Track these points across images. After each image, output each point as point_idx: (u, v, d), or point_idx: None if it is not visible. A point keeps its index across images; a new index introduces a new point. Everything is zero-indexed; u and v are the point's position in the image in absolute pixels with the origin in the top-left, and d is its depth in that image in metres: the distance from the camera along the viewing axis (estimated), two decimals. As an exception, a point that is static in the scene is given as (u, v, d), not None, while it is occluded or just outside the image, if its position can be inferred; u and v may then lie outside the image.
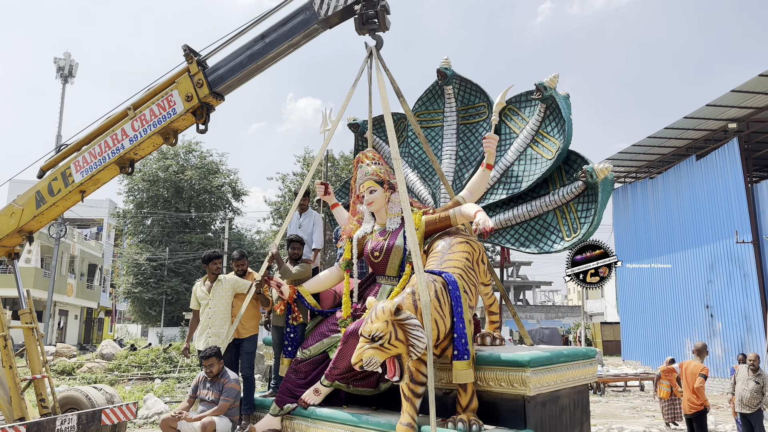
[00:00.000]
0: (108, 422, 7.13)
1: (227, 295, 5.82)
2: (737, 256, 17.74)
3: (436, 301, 4.42)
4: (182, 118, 5.65)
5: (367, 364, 4.03)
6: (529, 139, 6.05)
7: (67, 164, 5.96)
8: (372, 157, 5.70)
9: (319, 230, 6.42)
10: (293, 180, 37.06)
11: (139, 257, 36.25)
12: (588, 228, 5.49)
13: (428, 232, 5.44)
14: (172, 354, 17.10)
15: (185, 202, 38.36)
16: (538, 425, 4.48)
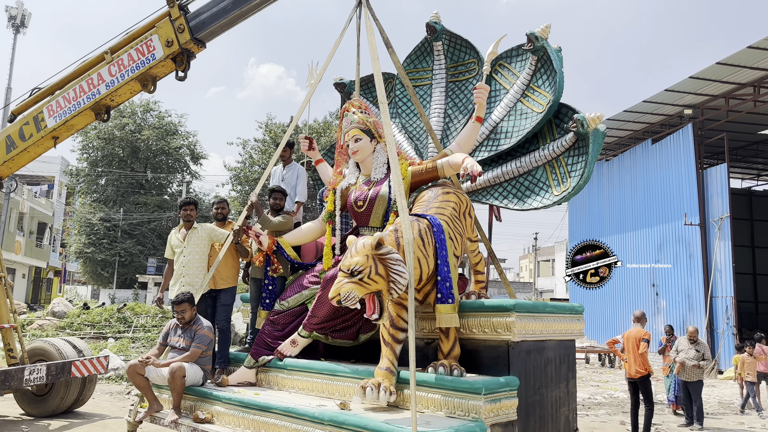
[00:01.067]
0: (78, 374, 6.91)
1: (203, 243, 5.60)
2: (684, 237, 18.48)
3: (420, 240, 4.23)
4: (161, 64, 5.46)
5: (345, 299, 3.83)
6: (520, 94, 5.88)
7: (40, 108, 5.75)
8: (358, 106, 5.51)
9: (302, 183, 6.21)
10: (254, 146, 36.24)
11: (92, 217, 35.07)
12: (578, 181, 5.31)
13: (414, 183, 5.25)
14: (126, 314, 16.74)
15: (141, 163, 37.12)
16: (522, 374, 4.29)
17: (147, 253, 36.49)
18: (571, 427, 4.92)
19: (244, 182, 35.76)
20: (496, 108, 6.04)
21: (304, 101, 6.08)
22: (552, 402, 4.65)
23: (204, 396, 4.73)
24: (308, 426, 3.97)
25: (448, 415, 3.95)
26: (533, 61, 5.76)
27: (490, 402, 3.88)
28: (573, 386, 4.99)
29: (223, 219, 5.83)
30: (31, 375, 6.36)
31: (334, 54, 5.97)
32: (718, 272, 17.31)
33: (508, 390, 4.07)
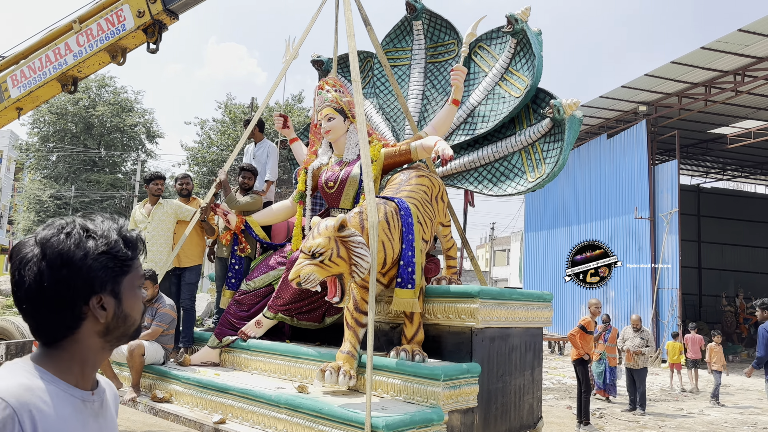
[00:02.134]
0: None
1: (168, 219, 5.49)
2: (634, 230, 19.04)
3: (385, 224, 4.15)
4: (132, 35, 5.29)
5: (305, 281, 3.75)
6: (498, 77, 5.77)
7: (3, 78, 5.55)
8: (333, 84, 5.38)
9: (273, 160, 6.10)
10: (212, 127, 35.50)
11: (42, 194, 33.64)
12: (552, 168, 5.24)
13: (387, 165, 5.16)
14: None
15: (95, 140, 35.99)
16: (485, 360, 4.25)
17: None
18: (535, 415, 4.90)
19: (201, 163, 35.02)
20: (474, 91, 5.93)
21: (278, 77, 5.95)
22: (516, 389, 4.63)
23: (163, 375, 4.66)
24: (265, 408, 3.91)
25: (406, 401, 3.90)
26: (512, 44, 5.64)
27: (449, 388, 3.84)
28: (539, 374, 4.97)
29: (188, 195, 5.72)
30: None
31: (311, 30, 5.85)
32: (665, 265, 17.86)
33: (469, 377, 4.03)
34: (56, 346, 1.12)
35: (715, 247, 24.33)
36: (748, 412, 10.11)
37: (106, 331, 1.14)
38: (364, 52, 6.75)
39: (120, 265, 1.13)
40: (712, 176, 27.05)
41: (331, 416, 3.55)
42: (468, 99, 5.90)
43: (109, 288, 1.12)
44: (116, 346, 1.21)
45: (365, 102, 6.62)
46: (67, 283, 1.08)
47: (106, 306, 1.12)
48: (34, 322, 1.12)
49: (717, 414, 9.74)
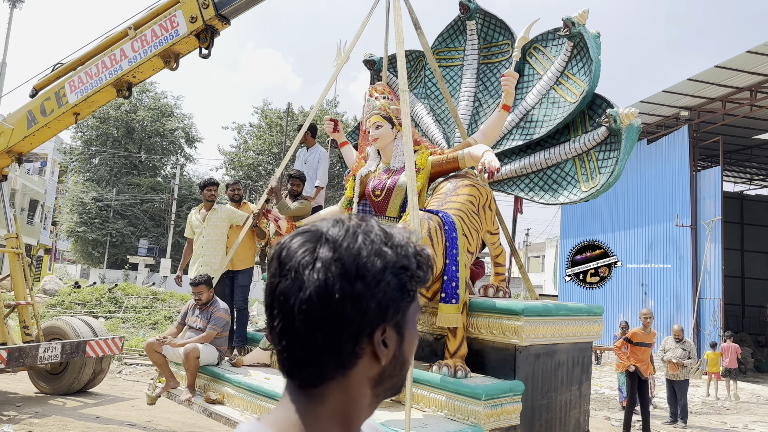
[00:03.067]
0: (92, 354, 7.03)
1: (222, 224, 5.68)
2: (675, 238, 18.41)
3: (428, 240, 4.15)
4: (185, 40, 5.42)
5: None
6: (553, 81, 5.61)
7: (62, 84, 5.79)
8: (381, 91, 5.38)
9: (323, 166, 6.18)
10: (249, 131, 35.89)
11: (85, 196, 34.95)
12: (608, 178, 5.08)
13: (434, 173, 5.14)
14: (117, 294, 16.89)
15: (136, 144, 36.92)
16: (529, 377, 4.23)
17: (138, 235, 36.52)
18: (582, 429, 4.84)
19: (238, 167, 35.68)
20: (528, 94, 5.79)
21: (330, 80, 5.99)
22: (561, 405, 4.58)
23: (217, 377, 4.87)
24: (309, 418, 4.03)
25: (448, 417, 3.94)
26: (569, 47, 5.46)
27: (491, 407, 3.84)
28: (586, 388, 4.90)
29: (239, 200, 5.88)
30: (46, 353, 6.50)
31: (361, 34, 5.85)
32: (707, 274, 17.29)
33: (512, 395, 4.02)
34: (312, 394, 0.81)
35: (759, 256, 23.40)
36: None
37: (380, 378, 0.83)
38: (415, 51, 6.71)
39: (414, 288, 0.85)
40: (756, 183, 26.08)
41: None
42: (521, 102, 5.77)
43: (396, 318, 0.83)
44: (380, 402, 0.88)
45: (416, 103, 6.60)
46: (360, 302, 0.78)
47: (388, 342, 0.82)
48: (294, 351, 0.80)
49: (763, 430, 9.35)
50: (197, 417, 6.63)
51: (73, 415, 6.64)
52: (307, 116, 34.64)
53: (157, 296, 17.30)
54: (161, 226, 37.29)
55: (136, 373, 10.15)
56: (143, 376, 9.80)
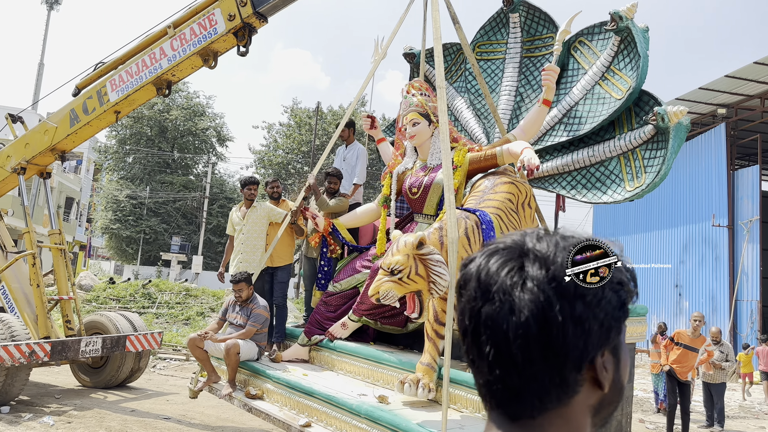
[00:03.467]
0: (132, 349, 7.20)
1: (261, 222, 5.75)
2: (711, 239, 17.97)
3: (465, 239, 4.11)
4: (223, 38, 5.47)
5: (384, 298, 3.81)
6: (599, 76, 5.44)
7: (103, 83, 5.92)
8: (419, 87, 5.34)
9: (362, 164, 6.17)
10: (279, 131, 36.04)
11: (119, 194, 35.58)
12: (653, 178, 4.91)
13: (472, 170, 5.07)
14: (150, 290, 17.15)
15: (168, 143, 37.36)
16: (569, 381, 4.14)
17: (171, 232, 36.97)
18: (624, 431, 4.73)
19: (267, 165, 35.90)
20: (573, 89, 5.64)
21: (367, 76, 5.97)
22: (602, 408, 4.47)
23: (257, 372, 4.95)
24: (346, 416, 4.07)
25: (485, 418, 3.89)
26: (616, 41, 5.28)
27: (529, 410, 3.78)
28: (629, 390, 4.78)
29: (278, 198, 5.93)
30: (87, 347, 6.67)
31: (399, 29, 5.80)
32: (744, 275, 16.85)
33: (551, 398, 3.94)
34: (529, 427, 0.73)
35: None
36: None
37: (599, 406, 0.75)
38: (456, 44, 6.61)
39: (628, 306, 0.77)
40: None
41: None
42: (565, 97, 5.63)
43: (615, 340, 0.74)
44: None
45: (456, 97, 6.52)
46: (582, 323, 0.71)
47: (607, 366, 0.74)
48: (510, 380, 0.71)
49: None
50: (230, 411, 6.77)
51: (111, 408, 6.87)
52: (336, 115, 34.81)
53: (190, 292, 17.70)
54: (193, 224, 37.91)
55: (170, 367, 10.41)
56: (177, 370, 10.06)
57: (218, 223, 36.86)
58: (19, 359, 6.02)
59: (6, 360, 5.93)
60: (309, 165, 32.25)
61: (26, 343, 6.11)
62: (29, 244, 6.90)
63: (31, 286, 6.85)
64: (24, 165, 6.75)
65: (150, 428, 6.20)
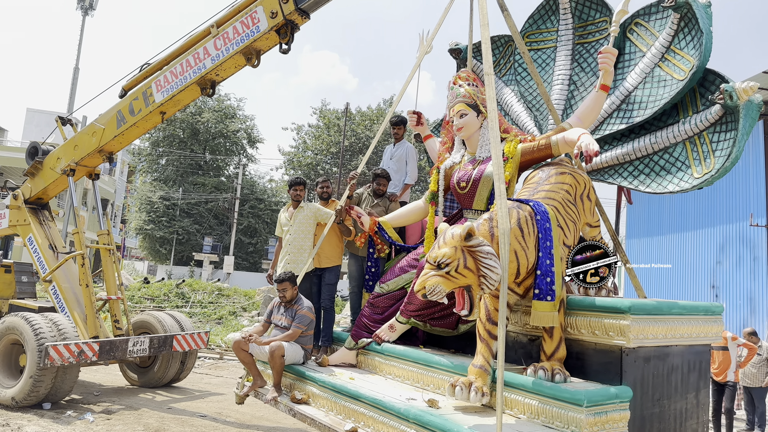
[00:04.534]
0: (179, 348, 7.21)
1: (308, 222, 5.62)
2: (749, 238, 17.21)
3: (518, 230, 3.82)
4: (266, 36, 5.42)
5: (431, 293, 3.57)
6: (658, 58, 5.08)
7: (149, 84, 5.97)
8: (465, 78, 5.10)
9: (412, 162, 5.97)
10: (308, 132, 35.96)
11: (153, 195, 36.02)
12: (724, 162, 4.50)
13: (525, 162, 4.79)
14: (184, 290, 17.34)
15: (200, 145, 37.71)
16: (638, 383, 3.78)
17: (203, 233, 37.37)
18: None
19: (297, 167, 36.03)
20: (630, 74, 5.28)
21: (412, 70, 5.78)
22: (676, 415, 4.07)
23: (302, 376, 4.78)
24: (394, 421, 3.83)
25: (545, 425, 3.58)
26: (675, 19, 4.92)
27: (594, 415, 3.45)
28: (704, 396, 4.34)
29: (328, 198, 5.79)
30: (135, 347, 6.72)
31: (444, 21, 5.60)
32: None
33: (618, 402, 3.59)
34: None
35: None
36: None
37: None
38: (504, 36, 6.37)
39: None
40: None
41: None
42: (622, 83, 5.28)
43: None
44: None
45: (506, 90, 6.24)
46: None
47: None
48: None
49: None
50: (265, 410, 6.73)
51: (149, 406, 6.95)
52: (364, 116, 34.70)
53: (222, 292, 17.97)
54: (225, 224, 38.42)
55: (204, 366, 10.49)
56: (211, 369, 10.15)
57: (249, 223, 37.30)
58: (68, 359, 6.10)
59: (56, 359, 6.01)
60: (338, 166, 32.42)
61: (75, 343, 6.20)
62: (78, 244, 7.02)
63: (81, 285, 6.96)
64: (73, 167, 6.90)
65: (187, 425, 6.21)
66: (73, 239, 7.21)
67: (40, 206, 7.85)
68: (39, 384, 6.17)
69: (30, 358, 6.19)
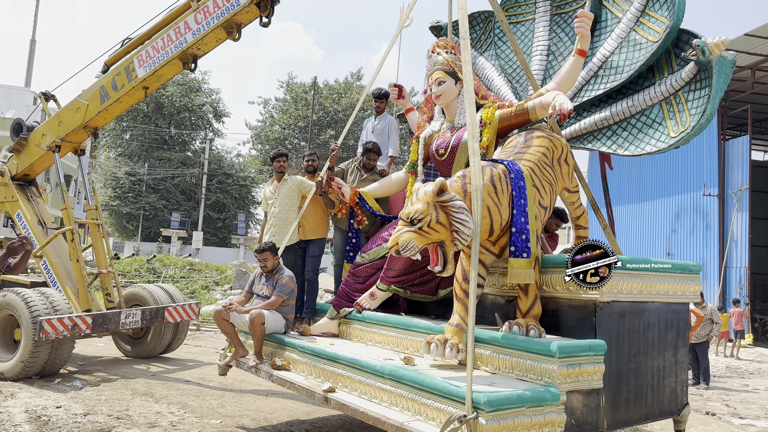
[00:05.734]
0: (171, 320, 7.29)
1: (292, 195, 5.63)
2: (702, 208, 18.46)
3: (491, 187, 3.83)
4: (246, 10, 5.42)
5: (404, 249, 3.58)
6: (633, 22, 5.09)
7: (131, 59, 5.97)
8: (444, 46, 5.12)
9: (394, 135, 5.98)
10: (275, 106, 35.66)
11: (118, 171, 35.28)
12: (699, 119, 4.50)
13: (503, 128, 4.80)
14: (155, 265, 17.32)
15: (165, 119, 37.01)
16: (614, 338, 3.79)
17: (171, 208, 36.84)
18: (679, 401, 4.30)
19: (264, 141, 35.73)
20: (607, 40, 5.30)
21: (390, 44, 5.79)
22: (653, 371, 4.08)
23: (282, 343, 4.79)
24: (370, 378, 3.85)
25: (519, 378, 3.60)
26: (648, -18, 4.93)
27: (567, 366, 3.46)
28: (683, 355, 4.35)
29: (314, 171, 5.81)
30: (127, 319, 6.77)
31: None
32: (733, 243, 17.34)
33: (592, 355, 3.60)
34: None
35: None
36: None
37: None
38: (484, 12, 6.39)
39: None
40: None
41: (432, 389, 3.38)
42: (599, 50, 5.29)
43: None
44: None
45: (486, 65, 6.26)
46: None
47: None
48: None
49: None
50: (247, 375, 6.80)
51: (135, 373, 7.11)
52: (332, 89, 34.40)
53: (194, 267, 18.02)
54: (192, 200, 37.97)
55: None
56: (189, 339, 10.27)
57: (217, 199, 36.85)
58: (62, 332, 6.15)
59: (50, 333, 6.07)
60: (306, 140, 32.24)
61: (68, 317, 6.24)
62: (67, 219, 7.06)
63: (71, 260, 7.00)
64: (58, 143, 6.92)
65: (173, 389, 6.32)
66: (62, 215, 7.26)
67: (27, 182, 7.87)
68: (35, 357, 6.24)
69: (25, 332, 6.27)
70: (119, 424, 5.01)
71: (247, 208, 39.72)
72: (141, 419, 5.17)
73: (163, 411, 5.46)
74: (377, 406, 3.71)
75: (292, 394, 5.79)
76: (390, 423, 3.44)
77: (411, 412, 3.50)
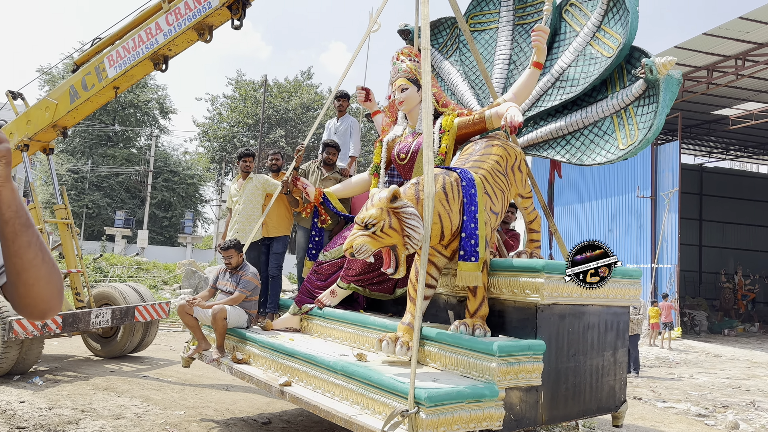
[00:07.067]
0: (141, 319, 7.33)
1: (257, 193, 5.79)
2: (636, 209, 19.86)
3: (443, 194, 4.05)
4: (217, 12, 5.53)
5: (358, 252, 3.79)
6: (590, 37, 5.34)
7: (101, 59, 6.02)
8: (407, 54, 5.30)
9: (356, 135, 6.16)
10: (223, 102, 35.36)
11: (60, 167, 33.61)
12: (646, 133, 4.76)
13: (462, 135, 5.01)
14: (102, 264, 17.11)
15: (109, 115, 35.91)
16: (553, 338, 4.03)
17: (115, 206, 35.94)
18: (617, 398, 4.58)
19: (212, 138, 35.20)
20: (565, 53, 5.54)
21: (357, 47, 5.96)
22: (592, 370, 4.34)
23: (243, 338, 4.97)
24: (324, 374, 4.05)
25: (463, 375, 3.83)
26: (605, 0, 5.18)
27: (507, 365, 3.69)
28: (622, 356, 4.62)
29: (278, 170, 5.96)
30: (97, 318, 6.81)
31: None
32: (664, 242, 18.73)
33: (531, 354, 3.84)
34: None
35: (716, 225, 24.71)
36: (734, 377, 10.77)
37: None
38: (451, 18, 6.58)
39: None
40: (715, 156, 27.35)
41: (379, 385, 3.59)
42: (557, 62, 5.53)
43: None
44: None
45: (451, 70, 6.46)
46: None
47: None
48: None
49: (705, 378, 10.49)
50: (206, 369, 7.09)
51: (95, 370, 7.23)
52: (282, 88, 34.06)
53: (142, 266, 17.91)
54: (137, 198, 37.03)
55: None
56: (163, 337, 10.53)
57: (163, 197, 35.98)
58: (32, 332, 6.18)
59: (20, 333, 6.10)
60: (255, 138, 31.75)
61: None
62: (36, 219, 7.08)
63: None
64: (27, 142, 6.93)
65: (134, 384, 6.47)
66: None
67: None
68: (5, 357, 6.26)
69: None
70: (85, 416, 5.15)
71: (195, 207, 38.96)
72: (106, 412, 5.31)
73: (126, 404, 5.61)
74: (329, 400, 3.92)
75: (252, 387, 5.98)
76: (339, 416, 3.65)
77: (360, 406, 3.71)
